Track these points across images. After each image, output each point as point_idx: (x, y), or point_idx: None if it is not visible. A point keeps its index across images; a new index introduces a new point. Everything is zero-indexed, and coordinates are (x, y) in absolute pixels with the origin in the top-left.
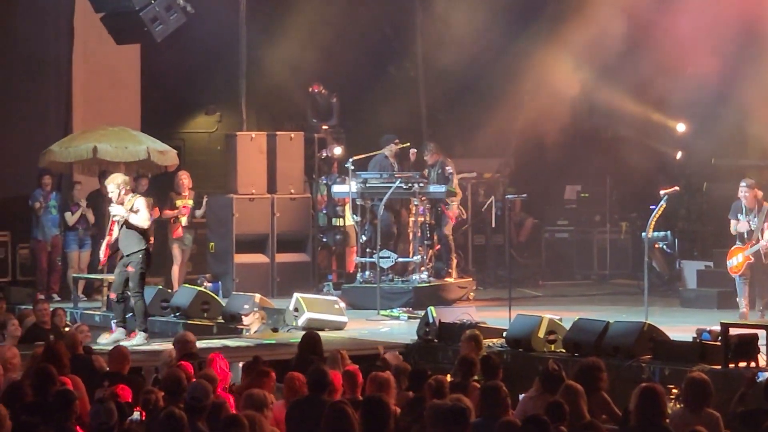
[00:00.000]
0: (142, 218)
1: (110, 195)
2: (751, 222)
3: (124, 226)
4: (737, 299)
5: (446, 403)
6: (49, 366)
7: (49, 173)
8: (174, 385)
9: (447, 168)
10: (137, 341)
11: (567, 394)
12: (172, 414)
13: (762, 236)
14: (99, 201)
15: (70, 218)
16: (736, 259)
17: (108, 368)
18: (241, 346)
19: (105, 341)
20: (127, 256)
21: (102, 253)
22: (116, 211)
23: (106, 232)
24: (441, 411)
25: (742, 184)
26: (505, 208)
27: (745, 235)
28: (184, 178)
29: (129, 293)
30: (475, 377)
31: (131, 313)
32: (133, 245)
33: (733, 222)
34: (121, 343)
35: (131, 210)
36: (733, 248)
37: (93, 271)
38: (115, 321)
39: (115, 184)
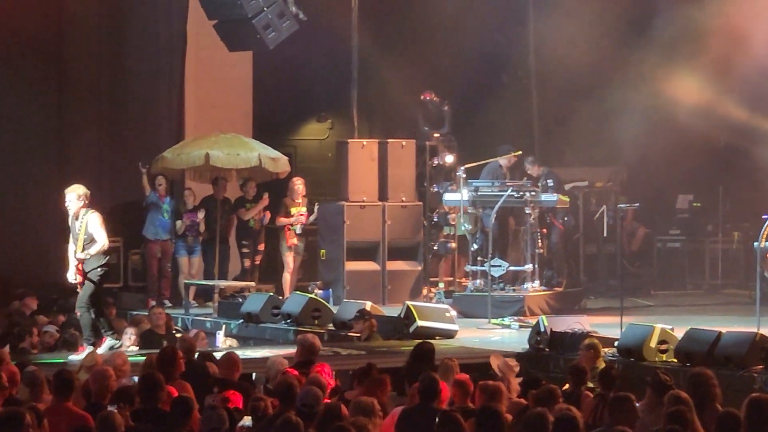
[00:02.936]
0: (101, 243)
1: (67, 204)
2: None
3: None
4: None
5: (554, 411)
6: (156, 373)
7: (163, 176)
8: (287, 391)
9: (549, 181)
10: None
11: (676, 404)
12: (288, 420)
13: None
14: (212, 206)
15: (180, 226)
16: None
17: (218, 375)
18: (351, 353)
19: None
20: (88, 272)
21: (73, 277)
22: (74, 260)
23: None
24: (548, 420)
25: None
26: (617, 218)
27: None
28: (299, 185)
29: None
30: (589, 385)
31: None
32: (93, 261)
33: None
34: (71, 358)
35: (87, 239)
36: None
37: (205, 277)
38: (84, 338)
39: (75, 194)
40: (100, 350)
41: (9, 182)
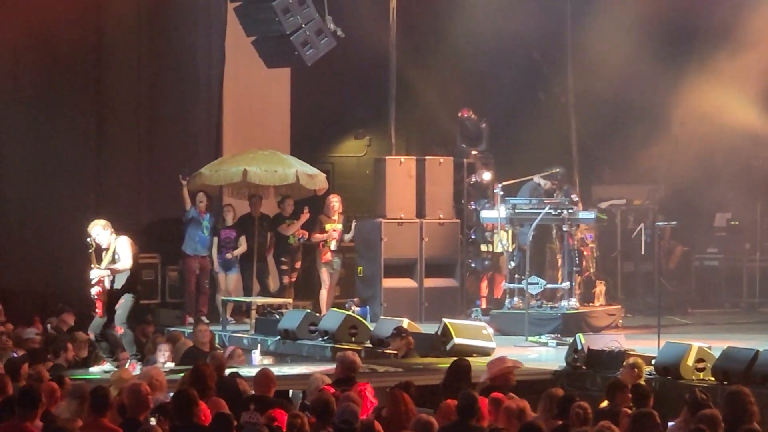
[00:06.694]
0: (125, 264)
1: (98, 240)
2: None
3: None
4: None
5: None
6: (190, 389)
7: (204, 193)
8: (323, 408)
9: (573, 196)
10: (107, 367)
11: (707, 422)
12: None
13: None
14: (249, 224)
15: (215, 244)
16: None
17: (254, 391)
18: (389, 370)
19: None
20: (119, 292)
21: (98, 308)
22: (95, 274)
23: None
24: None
25: None
26: (655, 236)
27: None
28: (335, 202)
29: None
30: (628, 404)
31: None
32: (122, 280)
33: None
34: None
35: (112, 259)
36: None
37: (245, 294)
38: (131, 355)
39: (100, 226)
40: (94, 369)
41: (49, 200)
